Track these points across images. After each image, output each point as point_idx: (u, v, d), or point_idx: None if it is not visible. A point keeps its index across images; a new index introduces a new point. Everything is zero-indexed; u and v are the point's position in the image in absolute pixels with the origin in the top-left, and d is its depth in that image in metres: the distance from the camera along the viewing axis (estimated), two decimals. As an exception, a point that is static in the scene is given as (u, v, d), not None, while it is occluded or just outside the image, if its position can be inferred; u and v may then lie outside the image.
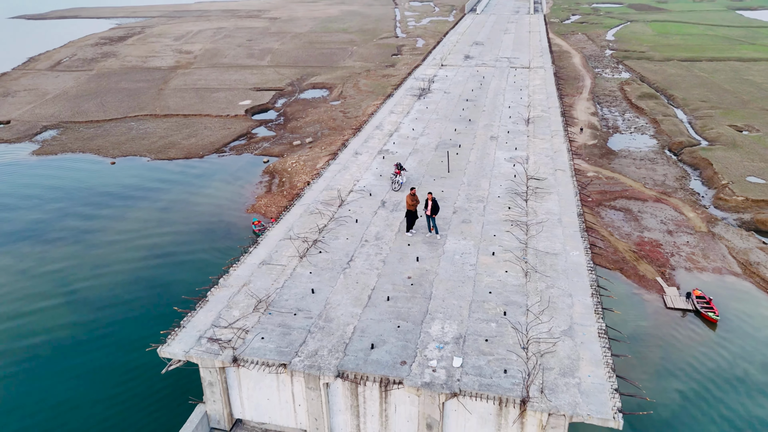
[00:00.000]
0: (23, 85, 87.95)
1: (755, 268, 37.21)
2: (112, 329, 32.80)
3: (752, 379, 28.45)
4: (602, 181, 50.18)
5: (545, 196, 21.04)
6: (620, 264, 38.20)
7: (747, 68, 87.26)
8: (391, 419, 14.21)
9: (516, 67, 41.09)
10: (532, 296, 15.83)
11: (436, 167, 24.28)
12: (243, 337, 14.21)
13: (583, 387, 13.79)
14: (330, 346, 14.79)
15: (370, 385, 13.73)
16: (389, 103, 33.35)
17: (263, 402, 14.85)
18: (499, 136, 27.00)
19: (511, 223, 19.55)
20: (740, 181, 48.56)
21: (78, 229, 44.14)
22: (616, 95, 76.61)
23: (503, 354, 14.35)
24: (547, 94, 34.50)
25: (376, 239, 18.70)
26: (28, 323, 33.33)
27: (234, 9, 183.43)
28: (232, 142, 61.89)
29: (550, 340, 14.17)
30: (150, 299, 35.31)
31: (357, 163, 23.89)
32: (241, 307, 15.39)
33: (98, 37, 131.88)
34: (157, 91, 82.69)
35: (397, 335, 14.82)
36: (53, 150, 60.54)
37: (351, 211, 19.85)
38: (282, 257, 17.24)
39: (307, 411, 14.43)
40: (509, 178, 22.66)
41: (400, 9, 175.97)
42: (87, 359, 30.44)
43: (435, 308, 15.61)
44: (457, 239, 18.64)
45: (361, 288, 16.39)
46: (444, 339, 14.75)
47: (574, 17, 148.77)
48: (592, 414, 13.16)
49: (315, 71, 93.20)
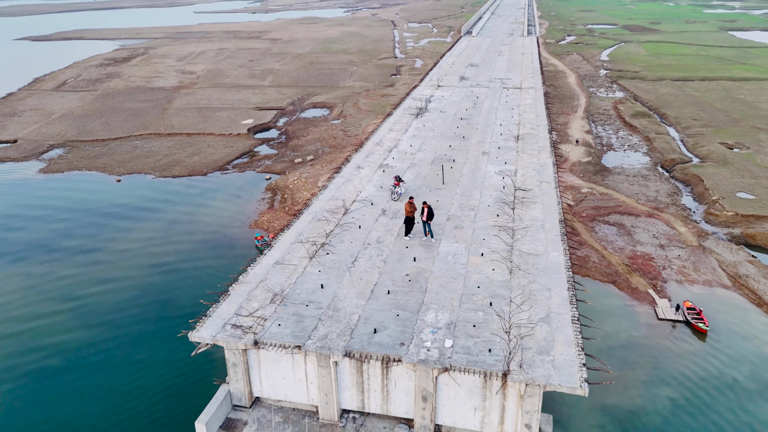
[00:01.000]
0: (29, 105, 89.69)
1: (744, 280, 38.30)
2: (119, 336, 33.74)
3: (741, 387, 29.39)
4: (596, 197, 51.47)
5: (531, 205, 22.75)
6: (613, 277, 39.30)
7: (738, 87, 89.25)
8: (392, 393, 15.76)
9: (508, 88, 42.99)
10: (515, 290, 17.62)
11: (432, 180, 25.98)
12: (262, 324, 15.92)
13: (556, 362, 15.61)
14: (338, 331, 16.51)
15: (374, 363, 15.34)
16: (389, 122, 35.15)
17: (279, 381, 16.50)
18: (491, 152, 28.73)
19: (499, 229, 21.26)
20: (730, 196, 49.88)
21: (86, 243, 45.27)
22: (610, 114, 78.37)
23: (488, 337, 16.20)
24: (537, 113, 36.22)
25: (378, 242, 20.45)
26: (40, 328, 34.27)
27: (235, 30, 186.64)
28: (235, 160, 63.31)
29: (529, 326, 16.06)
30: (157, 308, 36.31)
31: (359, 176, 25.63)
32: (259, 299, 17.14)
33: (102, 58, 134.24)
34: (161, 110, 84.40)
35: (396, 322, 16.79)
36: (60, 168, 61.88)
37: (355, 219, 21.57)
38: (294, 258, 18.93)
39: (318, 388, 16.00)
40: (498, 189, 24.39)
41: (398, 30, 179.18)
42: (96, 364, 31.37)
43: (430, 300, 17.49)
44: (450, 242, 20.37)
45: (365, 283, 18.24)
46: (437, 325, 16.74)
47: (570, 38, 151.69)
48: (562, 383, 15.01)
49: (316, 91, 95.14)
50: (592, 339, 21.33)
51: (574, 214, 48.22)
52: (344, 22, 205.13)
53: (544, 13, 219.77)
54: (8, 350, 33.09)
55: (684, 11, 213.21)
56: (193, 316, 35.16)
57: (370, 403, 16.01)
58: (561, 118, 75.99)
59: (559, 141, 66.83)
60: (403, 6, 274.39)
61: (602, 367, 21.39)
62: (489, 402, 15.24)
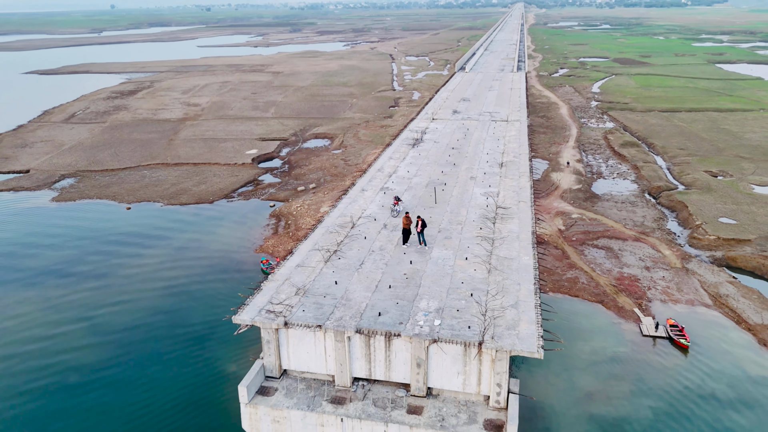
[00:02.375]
0: (40, 137, 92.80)
1: (725, 299, 40.48)
2: (131, 351, 35.68)
3: (718, 396, 31.33)
4: (586, 222, 53.96)
5: (509, 220, 25.96)
6: (601, 297, 41.47)
7: (724, 118, 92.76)
8: (393, 363, 19.50)
9: (496, 120, 46.42)
10: (491, 285, 20.76)
11: (426, 200, 29.15)
12: (289, 310, 19.19)
13: (520, 335, 19.08)
14: (350, 314, 20.19)
15: (379, 337, 18.95)
16: (389, 151, 38.59)
17: (303, 355, 19.96)
18: (477, 177, 32.07)
19: (482, 239, 24.28)
20: (713, 221, 52.38)
21: (98, 266, 47.47)
22: (600, 143, 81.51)
23: (468, 318, 19.91)
24: (520, 143, 39.55)
25: (380, 250, 23.58)
26: (54, 345, 36.21)
27: (238, 64, 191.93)
28: (240, 189, 65.94)
29: (500, 310, 18.59)
30: (168, 325, 38.33)
31: (364, 197, 28.93)
32: (286, 292, 20.12)
33: (109, 91, 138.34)
34: (168, 141, 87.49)
35: (396, 308, 20.55)
36: (72, 196, 64.41)
37: (361, 231, 24.66)
38: (312, 261, 21.89)
39: (335, 359, 19.52)
40: (482, 207, 27.61)
41: (396, 63, 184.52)
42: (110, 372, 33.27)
43: (423, 292, 20.86)
44: (441, 249, 23.44)
45: (370, 280, 21.62)
46: (428, 310, 20.57)
47: (563, 71, 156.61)
48: (523, 349, 18.35)
49: (317, 122, 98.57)
50: (551, 319, 24.21)
51: (564, 239, 50.63)
52: (344, 56, 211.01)
53: (538, 46, 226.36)
54: (29, 363, 34.99)
55: (673, 45, 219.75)
56: (205, 332, 37.41)
57: (375, 371, 19.51)
58: (553, 148, 79.10)
59: (550, 169, 69.74)
60: (400, 40, 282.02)
61: (555, 338, 25.82)
62: (468, 367, 18.83)
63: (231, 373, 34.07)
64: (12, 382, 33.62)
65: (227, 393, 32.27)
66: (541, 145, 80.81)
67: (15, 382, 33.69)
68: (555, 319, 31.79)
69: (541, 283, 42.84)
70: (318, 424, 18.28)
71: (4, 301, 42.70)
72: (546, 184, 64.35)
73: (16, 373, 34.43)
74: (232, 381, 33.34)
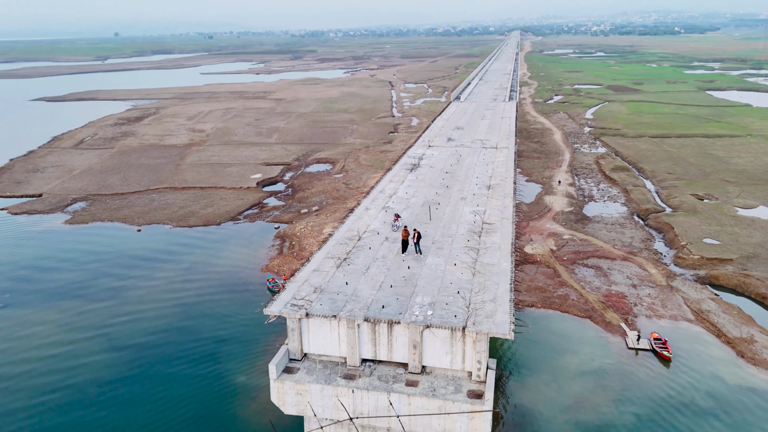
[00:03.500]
0: (51, 162, 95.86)
1: (706, 315, 42.86)
2: (146, 360, 37.90)
3: (697, 405, 33.53)
4: (577, 242, 56.56)
5: (493, 234, 29.28)
6: (590, 313, 43.83)
7: (711, 143, 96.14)
8: (394, 345, 23.33)
9: (487, 147, 50.21)
10: (475, 284, 24.50)
11: (422, 217, 32.66)
12: (309, 304, 23.56)
13: (496, 322, 22.76)
14: (359, 307, 24.08)
15: (382, 324, 22.87)
16: (389, 175, 42.10)
17: (321, 340, 23.69)
18: (467, 197, 35.50)
19: (469, 249, 27.55)
20: (697, 242, 54.99)
21: (112, 284, 49.85)
22: (592, 168, 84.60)
23: (455, 309, 23.73)
24: (506, 168, 43.17)
25: (383, 258, 27.15)
26: (73, 351, 38.42)
27: (241, 90, 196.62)
28: (245, 211, 68.65)
29: (481, 303, 22.75)
30: (181, 336, 40.61)
31: (368, 215, 32.52)
32: (305, 291, 24.01)
33: (116, 118, 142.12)
34: (175, 166, 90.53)
35: (396, 302, 24.55)
36: (84, 219, 67.04)
37: (366, 243, 28.17)
38: (326, 267, 25.46)
39: (347, 343, 23.31)
40: (470, 223, 31.03)
41: (396, 90, 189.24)
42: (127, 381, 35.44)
43: (418, 291, 25.01)
44: (434, 257, 27.11)
45: (375, 282, 26.06)
46: (423, 303, 24.47)
47: (557, 97, 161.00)
48: (498, 332, 22.00)
49: (319, 148, 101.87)
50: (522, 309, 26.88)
51: (556, 258, 53.17)
52: (344, 83, 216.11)
53: (534, 73, 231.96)
54: (47, 378, 37.16)
55: (666, 72, 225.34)
56: (215, 346, 39.70)
57: (380, 352, 23.17)
58: (547, 172, 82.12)
59: (544, 193, 72.60)
60: (400, 67, 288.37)
61: (524, 324, 30.19)
62: (455, 348, 22.38)
63: (240, 384, 36.26)
64: (31, 393, 35.76)
65: (236, 405, 34.48)
66: (535, 169, 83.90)
67: (34, 392, 35.84)
68: (529, 329, 35.95)
69: (532, 299, 45.43)
70: (333, 395, 21.94)
71: (23, 318, 44.97)
72: (539, 206, 67.13)
73: (34, 386, 36.59)
74: (241, 394, 35.57)
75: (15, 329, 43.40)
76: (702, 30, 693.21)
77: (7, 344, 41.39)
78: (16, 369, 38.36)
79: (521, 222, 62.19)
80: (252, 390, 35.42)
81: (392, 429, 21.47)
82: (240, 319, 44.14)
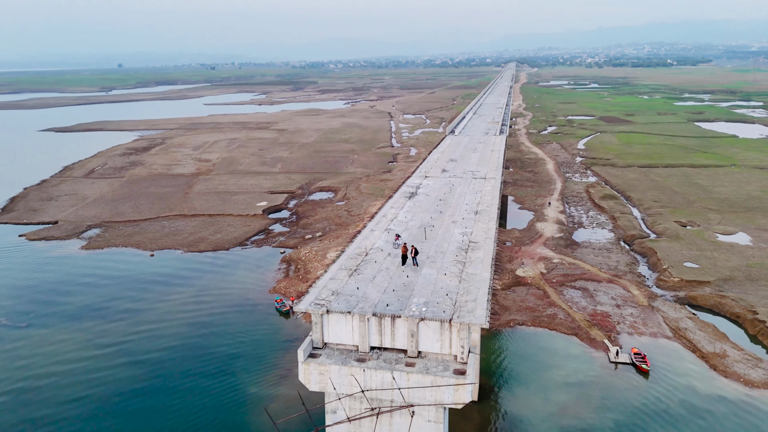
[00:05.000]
0: (63, 191, 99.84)
1: (683, 332, 46.22)
2: (163, 372, 41.03)
3: (671, 413, 36.68)
4: (565, 266, 60.13)
5: (477, 251, 34.09)
6: (576, 330, 47.18)
7: (696, 173, 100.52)
8: (396, 335, 28.11)
9: (476, 178, 55.27)
10: (461, 289, 29.49)
11: (418, 237, 37.65)
12: (329, 303, 28.99)
13: (475, 316, 27.36)
14: (368, 306, 28.92)
15: (387, 319, 27.85)
16: (390, 202, 46.87)
17: (338, 332, 28.61)
18: (457, 221, 40.49)
19: (457, 262, 31.97)
20: (678, 265, 58.59)
21: (128, 306, 53.14)
22: (582, 196, 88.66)
23: (444, 307, 28.49)
24: (492, 196, 48.19)
25: (387, 269, 32.53)
26: (98, 364, 41.55)
27: (244, 121, 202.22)
28: (253, 237, 72.30)
29: (465, 302, 28.57)
30: (194, 355, 43.82)
31: (373, 235, 37.97)
32: (325, 294, 29.05)
33: (124, 148, 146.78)
34: (183, 194, 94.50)
35: (398, 302, 29.43)
36: (99, 245, 70.60)
37: (372, 258, 34.05)
38: (340, 276, 30.88)
39: (358, 334, 28.24)
40: (459, 242, 36.09)
41: (395, 121, 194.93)
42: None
43: (415, 293, 30.72)
44: (428, 269, 32.24)
45: (380, 287, 31.42)
46: (419, 303, 29.28)
47: (551, 128, 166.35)
48: (477, 323, 26.98)
49: (321, 176, 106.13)
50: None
51: (546, 281, 56.68)
52: (345, 114, 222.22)
53: (529, 104, 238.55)
54: (74, 379, 40.26)
55: (657, 104, 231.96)
56: (229, 358, 42.86)
57: (385, 341, 28.14)
58: (539, 200, 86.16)
59: (536, 219, 76.46)
60: (398, 98, 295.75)
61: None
62: (443, 336, 27.36)
63: (252, 394, 39.39)
64: (57, 402, 38.85)
65: (248, 414, 37.60)
66: (528, 197, 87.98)
67: (60, 401, 38.94)
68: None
69: (523, 318, 48.89)
70: (348, 374, 26.89)
71: (46, 336, 48.16)
72: (531, 232, 70.92)
73: (59, 396, 39.69)
74: (252, 403, 38.70)
75: (39, 346, 46.59)
76: (694, 62, 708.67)
77: (32, 359, 44.56)
78: (41, 381, 41.47)
79: (514, 247, 65.94)
80: (263, 399, 38.54)
81: (395, 399, 26.31)
82: (250, 336, 47.42)
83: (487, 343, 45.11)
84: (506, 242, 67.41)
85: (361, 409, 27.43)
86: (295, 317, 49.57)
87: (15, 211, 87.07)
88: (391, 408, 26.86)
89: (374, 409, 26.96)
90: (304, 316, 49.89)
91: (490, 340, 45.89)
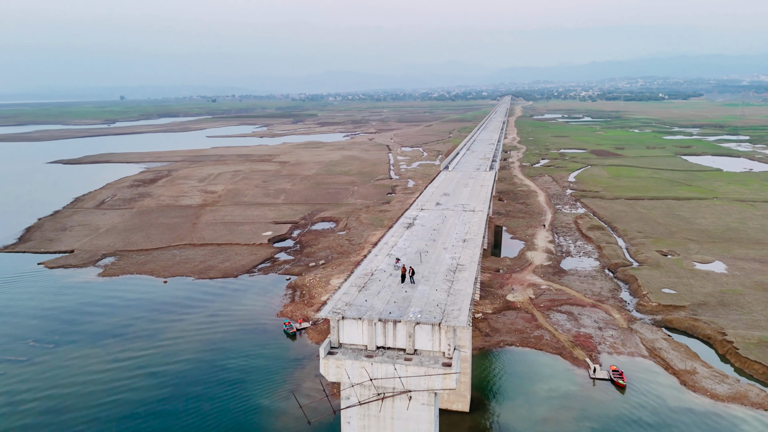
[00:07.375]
0: (77, 221, 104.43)
1: (658, 351, 50.45)
2: (180, 389, 44.97)
3: (643, 422, 40.72)
4: (552, 292, 64.55)
5: (464, 272, 39.77)
6: (560, 350, 51.38)
7: (680, 205, 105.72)
8: (397, 336, 33.51)
9: (466, 211, 61.40)
10: (449, 301, 35.02)
11: (415, 260, 43.13)
12: (344, 312, 34.40)
13: (459, 320, 32.70)
14: (375, 313, 34.44)
15: (390, 323, 33.32)
16: (390, 231, 52.46)
17: (351, 334, 34.13)
18: (448, 248, 46.00)
19: (446, 280, 36.82)
20: (657, 291, 63.05)
21: (146, 327, 57.23)
22: (570, 227, 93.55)
23: (435, 314, 33.86)
24: (479, 227, 53.80)
25: (389, 286, 38.81)
26: (121, 382, 45.52)
27: (247, 154, 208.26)
28: (259, 265, 76.69)
29: (451, 311, 33.28)
30: (210, 369, 47.82)
31: (376, 259, 43.87)
32: (340, 304, 34.79)
33: (132, 180, 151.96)
34: (192, 225, 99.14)
35: (398, 311, 34.83)
36: (115, 272, 74.88)
37: (376, 277, 40.26)
38: (351, 291, 37.01)
39: (367, 336, 33.77)
40: (449, 265, 41.31)
41: (393, 154, 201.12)
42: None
43: (412, 304, 36.48)
44: (423, 286, 38.22)
45: (384, 299, 37.23)
46: (415, 311, 34.64)
47: (544, 161, 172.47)
48: (460, 326, 31.87)
49: (323, 207, 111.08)
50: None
51: (534, 305, 61.05)
52: (344, 146, 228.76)
53: (523, 138, 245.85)
54: (100, 388, 44.18)
55: (647, 137, 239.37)
56: (241, 372, 46.97)
57: (388, 341, 33.84)
58: (529, 231, 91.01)
59: (526, 249, 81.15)
60: (396, 131, 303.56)
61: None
62: (434, 336, 32.76)
63: (263, 405, 43.33)
64: (86, 407, 42.73)
65: (260, 420, 41.52)
66: (519, 228, 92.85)
67: (89, 407, 42.83)
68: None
69: (512, 339, 53.11)
70: (360, 366, 32.48)
71: (72, 353, 52.13)
72: (521, 261, 75.52)
73: (88, 402, 43.61)
74: (264, 412, 42.64)
75: (67, 361, 50.58)
76: (686, 96, 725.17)
77: (61, 371, 48.63)
78: (70, 390, 45.44)
79: (505, 274, 70.47)
80: (274, 411, 42.52)
81: (396, 386, 32.19)
82: (260, 354, 51.50)
83: (478, 362, 49.27)
84: (499, 269, 71.96)
85: (370, 395, 33.13)
86: (301, 336, 54.21)
87: (32, 241, 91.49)
88: (393, 393, 32.66)
89: (380, 395, 32.82)
90: (310, 336, 54.11)
91: (482, 359, 50.07)
